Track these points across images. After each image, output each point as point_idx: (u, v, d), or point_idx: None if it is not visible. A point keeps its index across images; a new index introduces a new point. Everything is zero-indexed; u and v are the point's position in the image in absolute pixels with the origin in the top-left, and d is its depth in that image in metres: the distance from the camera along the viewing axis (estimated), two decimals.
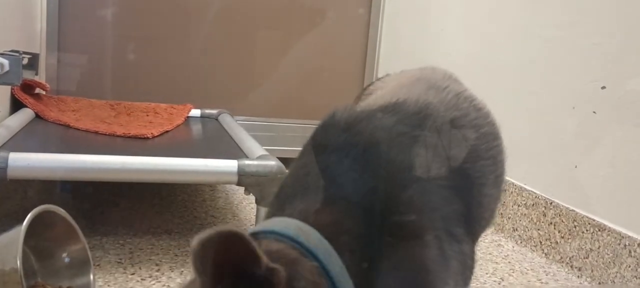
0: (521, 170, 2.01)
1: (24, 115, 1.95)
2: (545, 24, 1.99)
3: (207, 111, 2.51)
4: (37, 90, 2.24)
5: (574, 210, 1.80)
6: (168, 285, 1.46)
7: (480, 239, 2.03)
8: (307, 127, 2.82)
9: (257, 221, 1.65)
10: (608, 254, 1.67)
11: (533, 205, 1.96)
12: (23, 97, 2.08)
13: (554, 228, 1.87)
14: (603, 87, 1.72)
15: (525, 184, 2.00)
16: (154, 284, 1.46)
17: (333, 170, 0.74)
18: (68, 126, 1.96)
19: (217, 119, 2.44)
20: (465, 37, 2.46)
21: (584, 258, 1.75)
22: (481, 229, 0.88)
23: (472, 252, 0.84)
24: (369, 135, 0.77)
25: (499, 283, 1.68)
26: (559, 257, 1.84)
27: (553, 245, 1.87)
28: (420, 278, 0.71)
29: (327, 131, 0.80)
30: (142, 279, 1.47)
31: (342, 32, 3.02)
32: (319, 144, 0.79)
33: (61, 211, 1.31)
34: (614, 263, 1.65)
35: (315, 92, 3.00)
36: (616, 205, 1.68)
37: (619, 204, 1.67)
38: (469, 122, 0.86)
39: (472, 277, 0.85)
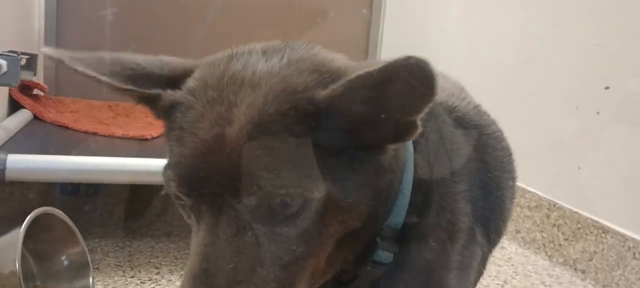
0: (524, 172, 1.98)
1: (22, 117, 1.93)
2: (547, 23, 1.98)
3: None
4: (35, 91, 2.22)
5: (577, 212, 1.79)
6: None
7: None
8: None
9: None
10: (612, 256, 1.66)
11: (536, 207, 1.94)
12: (21, 98, 2.06)
13: (558, 230, 1.85)
14: (606, 88, 1.71)
15: (528, 186, 1.99)
16: (153, 287, 1.44)
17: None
18: (66, 127, 1.94)
19: None
20: (466, 37, 2.45)
21: (588, 260, 1.73)
22: (494, 244, 0.88)
23: (486, 259, 0.86)
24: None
25: (502, 286, 1.67)
26: (563, 260, 1.82)
27: (556, 247, 1.85)
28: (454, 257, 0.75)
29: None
30: (141, 282, 1.46)
31: (343, 33, 3.00)
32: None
33: (60, 213, 1.30)
34: (618, 265, 1.64)
35: None
36: (620, 206, 1.67)
37: (623, 206, 1.66)
38: (492, 133, 0.87)
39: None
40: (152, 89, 0.65)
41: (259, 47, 0.65)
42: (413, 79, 0.50)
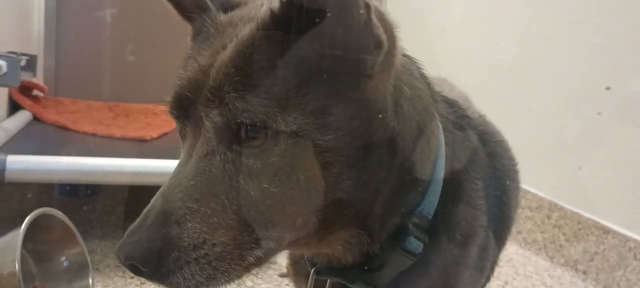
0: (525, 173, 1.98)
1: (22, 117, 1.93)
2: (548, 23, 1.97)
3: None
4: (35, 92, 2.22)
5: (578, 213, 1.78)
6: None
7: None
8: None
9: None
10: (613, 257, 1.65)
11: (537, 207, 1.94)
12: (21, 98, 2.06)
13: (559, 231, 1.85)
14: (608, 88, 1.71)
15: (529, 187, 1.98)
16: None
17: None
18: (66, 128, 1.94)
19: None
20: (466, 37, 2.44)
21: (589, 261, 1.73)
22: (500, 251, 0.88)
23: (494, 264, 0.86)
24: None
25: (503, 287, 1.66)
26: (564, 260, 1.82)
27: (557, 248, 1.85)
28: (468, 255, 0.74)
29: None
30: (141, 283, 1.45)
31: None
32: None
33: (59, 214, 1.29)
34: (619, 266, 1.63)
35: None
36: (621, 207, 1.67)
37: (624, 206, 1.66)
38: (500, 141, 0.88)
39: None
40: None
41: None
42: None
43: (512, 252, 1.93)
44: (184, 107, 0.60)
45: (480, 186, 0.74)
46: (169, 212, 0.56)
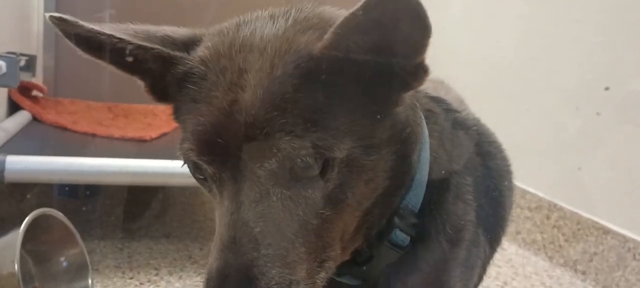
0: (524, 173, 1.98)
1: (21, 118, 1.92)
2: (549, 21, 1.97)
3: None
4: (35, 92, 2.22)
5: (577, 213, 1.78)
6: None
7: None
8: None
9: None
10: (612, 257, 1.65)
11: (536, 207, 1.94)
12: (20, 99, 2.05)
13: (558, 231, 1.85)
14: (607, 88, 1.71)
15: (528, 187, 1.99)
16: None
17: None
18: (65, 128, 1.94)
19: None
20: (466, 35, 2.44)
21: (588, 261, 1.73)
22: (494, 251, 0.88)
23: (487, 264, 0.86)
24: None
25: (502, 287, 1.66)
26: (563, 261, 1.82)
27: (557, 248, 1.85)
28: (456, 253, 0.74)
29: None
30: (140, 283, 1.45)
31: None
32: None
33: (59, 215, 1.29)
34: (618, 266, 1.63)
35: None
36: (620, 207, 1.67)
37: (624, 206, 1.66)
38: (494, 142, 0.88)
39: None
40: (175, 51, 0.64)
41: (266, 13, 0.64)
42: (401, 9, 0.50)
43: (511, 252, 1.93)
44: (218, 154, 0.58)
45: (469, 182, 0.75)
46: (249, 265, 0.56)
